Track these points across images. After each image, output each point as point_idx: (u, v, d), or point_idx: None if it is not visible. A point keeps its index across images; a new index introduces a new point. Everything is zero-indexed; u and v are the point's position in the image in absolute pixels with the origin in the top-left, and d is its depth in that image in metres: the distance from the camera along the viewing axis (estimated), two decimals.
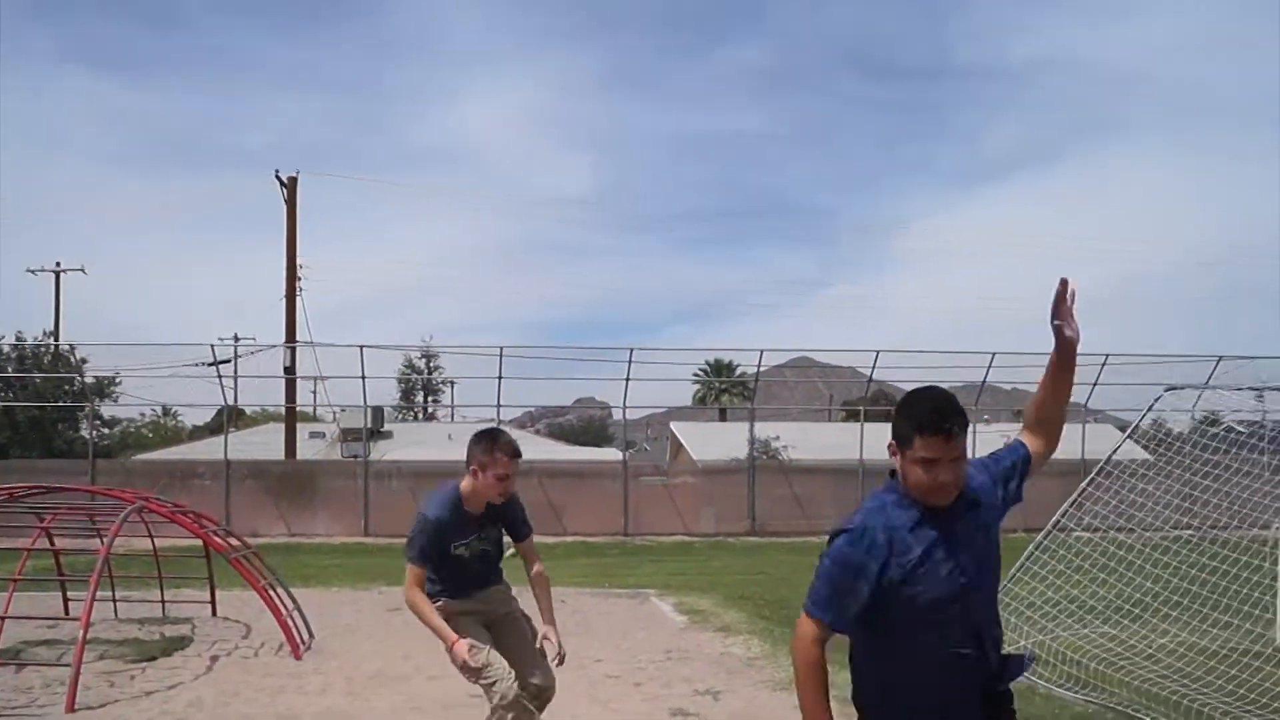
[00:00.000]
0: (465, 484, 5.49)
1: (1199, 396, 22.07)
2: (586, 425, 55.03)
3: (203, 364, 29.29)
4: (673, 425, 43.05)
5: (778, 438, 31.96)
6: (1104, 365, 28.03)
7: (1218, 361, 28.15)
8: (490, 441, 5.41)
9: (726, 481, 27.96)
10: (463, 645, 5.24)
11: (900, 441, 3.11)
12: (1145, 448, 20.28)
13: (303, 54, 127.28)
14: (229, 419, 30.50)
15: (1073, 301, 3.28)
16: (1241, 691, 8.11)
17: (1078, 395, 29.44)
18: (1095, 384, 28.45)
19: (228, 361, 30.21)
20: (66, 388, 33.84)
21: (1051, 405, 3.41)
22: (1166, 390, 12.13)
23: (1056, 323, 3.28)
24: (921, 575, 3.06)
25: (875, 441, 28.30)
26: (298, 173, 31.40)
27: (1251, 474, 12.09)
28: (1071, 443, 28.11)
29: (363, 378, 27.67)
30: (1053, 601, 10.56)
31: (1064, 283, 3.27)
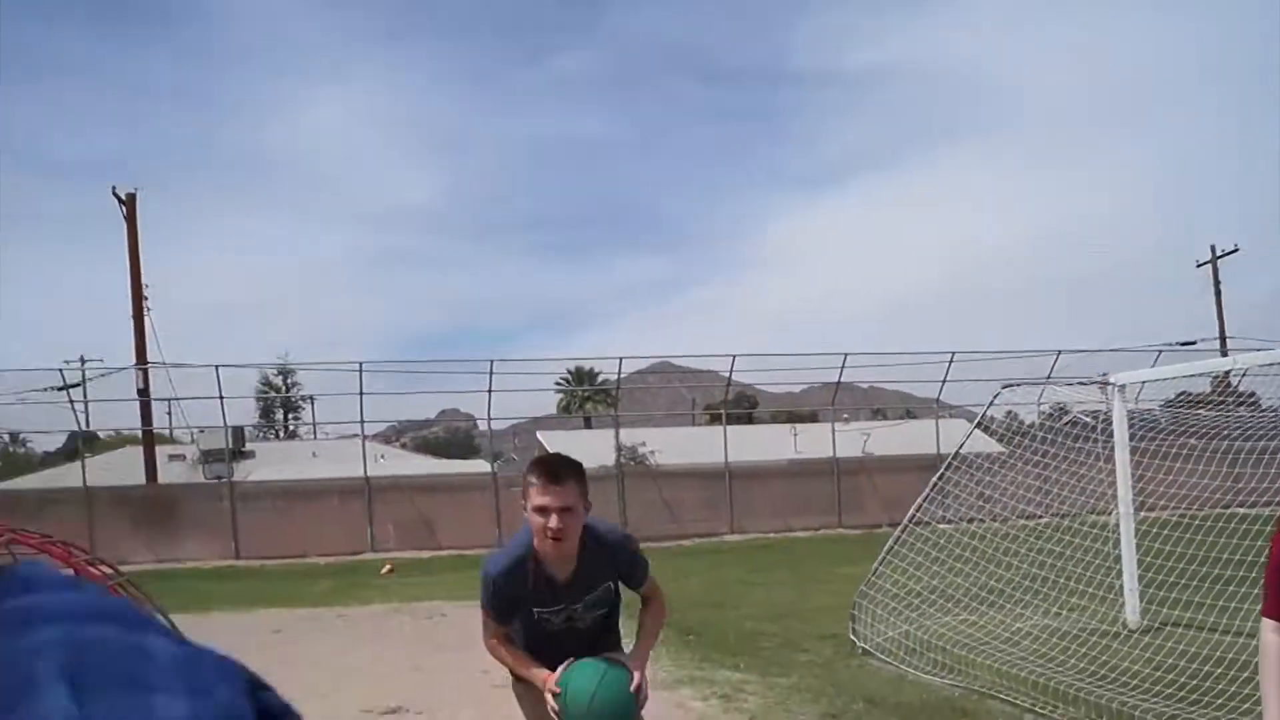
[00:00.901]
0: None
1: (1042, 391, 23.27)
2: (452, 438, 54.82)
3: (52, 388, 28.50)
4: (539, 434, 43.20)
5: (644, 443, 32.43)
6: (951, 362, 29.11)
7: (1057, 356, 29.50)
8: (531, 464, 4.02)
9: (595, 488, 27.78)
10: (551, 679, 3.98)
11: None
12: (999, 440, 21.31)
13: (137, 62, 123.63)
14: (84, 444, 29.71)
15: None
16: (1094, 669, 8.74)
17: (930, 391, 30.59)
18: (945, 381, 29.51)
19: (78, 385, 29.45)
20: None
21: None
22: (1004, 387, 12.91)
23: None
24: None
25: (738, 444, 29.05)
26: (136, 189, 30.57)
27: (1087, 464, 12.91)
28: (926, 438, 29.20)
29: (220, 398, 27.33)
30: (915, 592, 11.15)
31: None
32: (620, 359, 30.10)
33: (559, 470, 3.89)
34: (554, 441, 39.86)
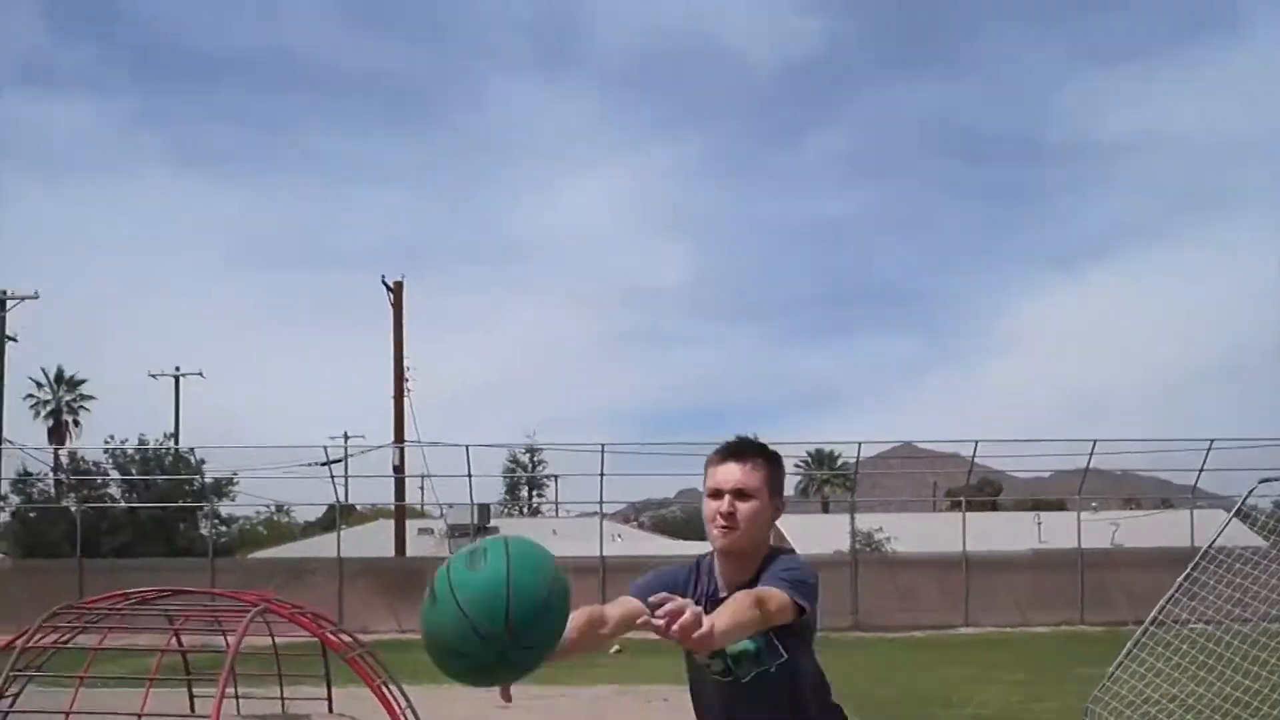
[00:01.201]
0: None
1: None
2: (690, 518, 55.15)
3: (316, 464, 30.24)
4: None
5: (880, 529, 31.87)
6: (1210, 449, 27.47)
7: None
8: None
9: (829, 574, 27.79)
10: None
11: None
12: (1261, 533, 20.02)
13: (399, 154, 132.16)
14: (341, 516, 31.29)
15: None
16: None
17: (1185, 480, 28.89)
18: (1201, 469, 27.84)
19: (339, 461, 31.15)
20: (187, 488, 35.08)
21: None
22: (1261, 481, 12.17)
23: None
24: None
25: (979, 532, 28.14)
26: (403, 277, 32.45)
27: None
28: (1181, 529, 27.59)
29: (469, 476, 28.31)
30: (1152, 700, 10.57)
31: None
32: (859, 443, 29.71)
33: (742, 446, 3.16)
34: (789, 525, 39.62)
